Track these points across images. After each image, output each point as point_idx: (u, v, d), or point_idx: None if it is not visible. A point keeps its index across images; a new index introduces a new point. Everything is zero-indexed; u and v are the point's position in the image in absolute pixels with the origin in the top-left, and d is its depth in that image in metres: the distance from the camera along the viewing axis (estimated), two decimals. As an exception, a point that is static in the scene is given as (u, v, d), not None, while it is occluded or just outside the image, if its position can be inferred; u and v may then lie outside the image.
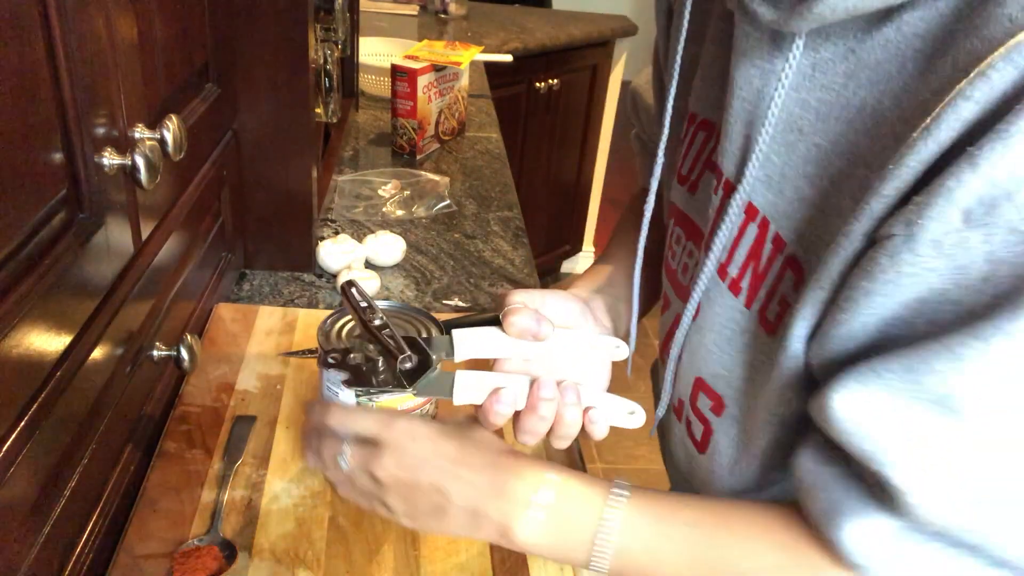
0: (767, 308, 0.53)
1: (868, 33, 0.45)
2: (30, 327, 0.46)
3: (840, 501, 0.47)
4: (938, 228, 0.39)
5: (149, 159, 0.56)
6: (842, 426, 0.44)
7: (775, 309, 0.53)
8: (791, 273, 0.51)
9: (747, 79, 0.52)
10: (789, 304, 0.51)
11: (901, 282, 0.42)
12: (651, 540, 0.52)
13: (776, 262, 0.52)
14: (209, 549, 0.64)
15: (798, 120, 0.49)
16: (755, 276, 0.54)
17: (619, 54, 2.88)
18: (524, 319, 0.59)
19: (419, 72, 1.46)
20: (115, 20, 0.56)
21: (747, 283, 0.54)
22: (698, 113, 0.62)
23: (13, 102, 0.44)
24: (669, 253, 0.68)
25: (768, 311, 0.53)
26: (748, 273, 0.54)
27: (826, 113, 0.48)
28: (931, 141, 0.40)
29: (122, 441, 0.68)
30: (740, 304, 0.55)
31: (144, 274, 0.66)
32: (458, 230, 1.29)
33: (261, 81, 0.94)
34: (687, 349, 0.62)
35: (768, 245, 0.52)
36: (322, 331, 0.69)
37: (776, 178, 0.51)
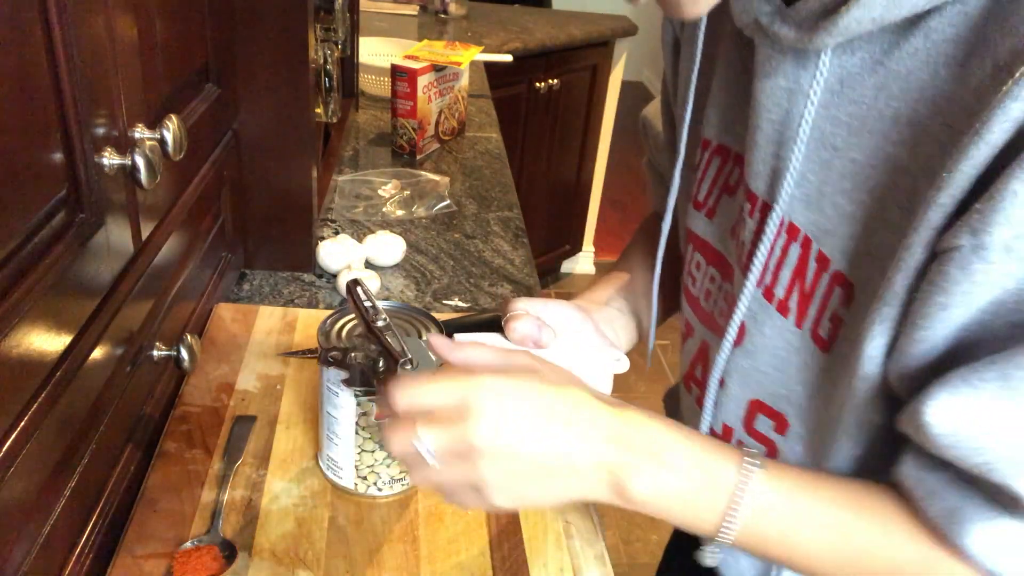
0: (819, 326, 0.53)
1: (895, 44, 0.45)
2: (30, 327, 0.46)
3: (959, 508, 0.46)
4: (1007, 232, 0.39)
5: (149, 159, 0.56)
6: (942, 440, 0.44)
7: (827, 326, 0.52)
8: (840, 290, 0.51)
9: (774, 100, 0.52)
10: (842, 320, 0.51)
11: (975, 291, 0.42)
12: (785, 515, 0.50)
13: (822, 280, 0.52)
14: (209, 549, 0.64)
15: (831, 137, 0.49)
16: (802, 296, 0.53)
17: (619, 54, 2.88)
18: (526, 325, 0.59)
19: (419, 72, 1.46)
20: (115, 20, 0.56)
21: (795, 303, 0.54)
22: (712, 139, 0.63)
23: (13, 102, 0.44)
24: (689, 280, 0.67)
25: (820, 329, 0.53)
26: (795, 293, 0.54)
27: (859, 127, 0.48)
28: (983, 144, 0.39)
29: (122, 441, 0.68)
30: (791, 325, 0.54)
31: (144, 274, 0.66)
32: (458, 230, 1.29)
33: (261, 81, 0.94)
34: (735, 374, 0.60)
35: (813, 264, 0.52)
36: (322, 330, 0.69)
37: (814, 196, 0.51)
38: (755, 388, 0.59)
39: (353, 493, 0.73)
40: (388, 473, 0.72)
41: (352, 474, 0.72)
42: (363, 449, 0.70)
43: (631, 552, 2.06)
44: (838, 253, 0.50)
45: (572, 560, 0.68)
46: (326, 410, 0.70)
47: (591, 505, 0.74)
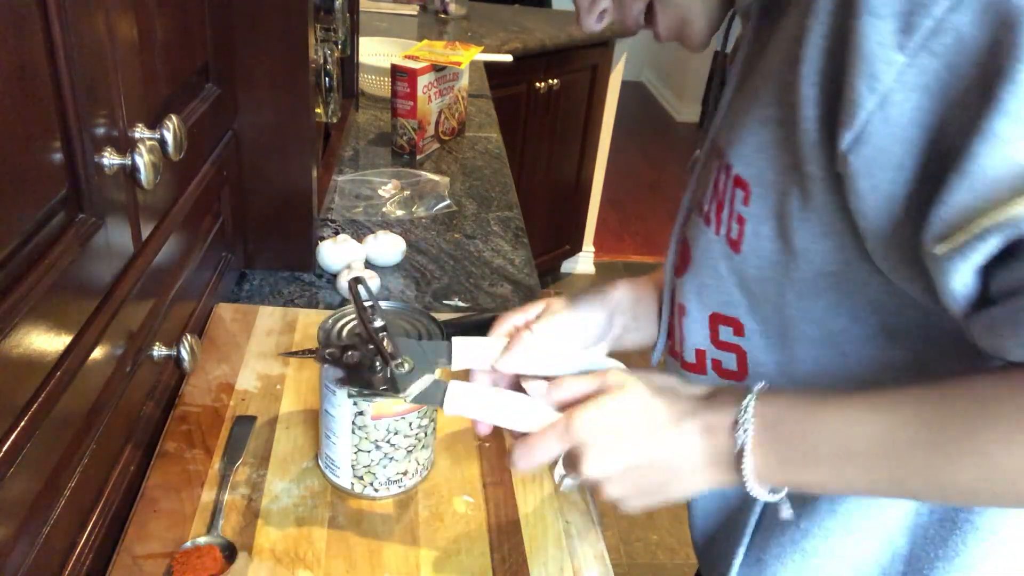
0: (730, 230, 0.58)
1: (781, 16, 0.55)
2: (30, 327, 0.46)
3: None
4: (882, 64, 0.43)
5: (149, 159, 0.56)
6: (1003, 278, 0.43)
7: (735, 228, 0.57)
8: (740, 191, 0.56)
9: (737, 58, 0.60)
10: (744, 219, 0.56)
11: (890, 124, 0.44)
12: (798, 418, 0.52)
13: (728, 185, 0.57)
14: (209, 549, 0.64)
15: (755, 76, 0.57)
16: (718, 205, 0.59)
17: (619, 54, 2.88)
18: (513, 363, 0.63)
19: (419, 72, 1.46)
20: (115, 20, 0.56)
21: (713, 213, 0.60)
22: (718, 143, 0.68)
23: (13, 102, 0.44)
24: None
25: (732, 232, 0.58)
26: (713, 203, 0.60)
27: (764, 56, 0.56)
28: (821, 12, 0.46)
29: (122, 441, 0.68)
30: (712, 233, 0.60)
31: (144, 274, 0.66)
32: (458, 230, 1.29)
33: (261, 81, 0.94)
34: (690, 296, 0.64)
35: (723, 175, 0.58)
36: (323, 329, 0.69)
37: (732, 117, 0.59)
38: (707, 302, 0.62)
39: (349, 493, 0.73)
40: (384, 474, 0.72)
41: (349, 474, 0.72)
42: (359, 449, 0.70)
43: (631, 552, 2.06)
44: (735, 158, 0.56)
45: (572, 560, 0.68)
46: (325, 409, 0.70)
47: (591, 505, 0.74)
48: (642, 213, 3.90)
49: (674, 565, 2.02)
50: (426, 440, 0.74)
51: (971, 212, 0.42)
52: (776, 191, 0.53)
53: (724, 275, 0.60)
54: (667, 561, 2.03)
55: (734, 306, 0.61)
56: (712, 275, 0.61)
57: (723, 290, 0.61)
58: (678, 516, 2.16)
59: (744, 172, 0.56)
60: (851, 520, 0.59)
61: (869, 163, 0.45)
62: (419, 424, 0.71)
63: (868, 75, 0.43)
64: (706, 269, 0.62)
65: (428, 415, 0.72)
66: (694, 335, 0.65)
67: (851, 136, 0.45)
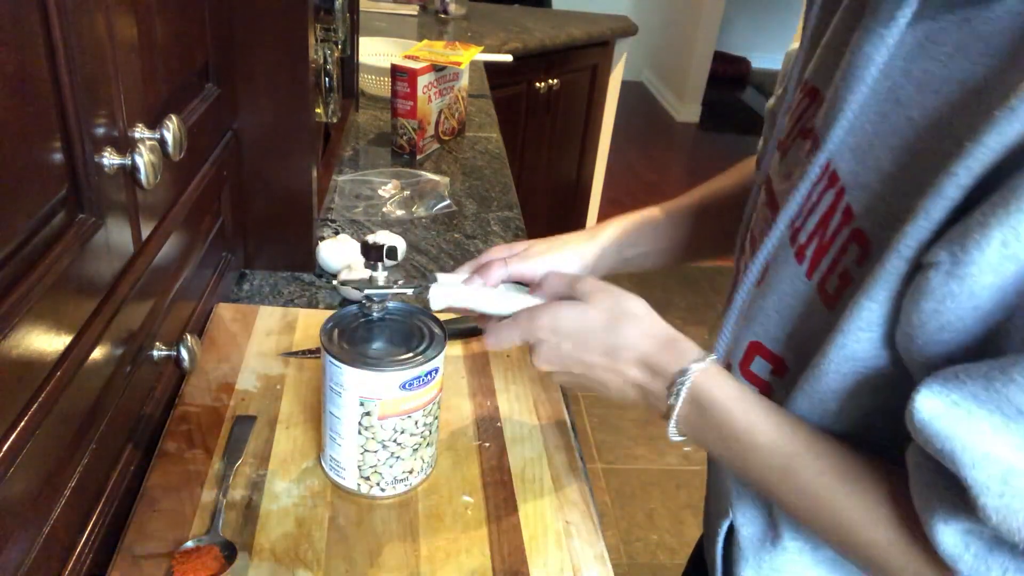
0: (827, 281, 0.52)
1: (988, 2, 0.43)
2: (30, 327, 0.46)
3: (933, 498, 0.45)
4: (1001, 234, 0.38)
5: (149, 159, 0.56)
6: (923, 428, 0.43)
7: (835, 283, 0.51)
8: (856, 247, 0.49)
9: (859, 43, 0.50)
10: (851, 279, 0.50)
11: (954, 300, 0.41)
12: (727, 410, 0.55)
13: (842, 234, 0.51)
14: (209, 549, 0.64)
15: (899, 90, 0.48)
16: (820, 246, 0.53)
17: (619, 54, 2.88)
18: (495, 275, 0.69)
19: (419, 72, 1.46)
20: (115, 20, 0.56)
21: (811, 251, 0.53)
22: (810, 80, 0.60)
23: (13, 102, 0.44)
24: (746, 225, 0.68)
25: (828, 284, 0.52)
26: (815, 241, 0.53)
27: (926, 84, 0.46)
28: (1015, 120, 0.38)
29: (122, 441, 0.68)
30: (802, 273, 0.54)
31: (144, 274, 0.66)
32: (458, 230, 1.29)
33: (261, 81, 0.94)
34: (747, 311, 0.61)
35: (838, 216, 0.51)
36: (324, 329, 0.69)
37: (864, 147, 0.50)
38: (757, 329, 0.59)
39: (355, 494, 0.73)
40: (391, 473, 0.72)
41: (355, 474, 0.72)
42: (366, 449, 0.70)
43: (631, 552, 2.06)
44: (864, 209, 0.49)
45: (572, 560, 0.68)
46: (328, 410, 0.70)
47: (591, 505, 0.74)
48: (642, 213, 3.90)
49: (674, 565, 2.02)
50: (431, 438, 0.74)
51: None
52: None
53: (797, 317, 0.55)
54: (667, 561, 2.03)
55: (787, 348, 0.57)
56: (781, 311, 0.56)
57: (784, 328, 0.57)
58: (678, 516, 2.16)
59: (872, 232, 0.48)
60: None
61: (950, 295, 0.42)
62: (424, 422, 0.71)
63: (1008, 227, 0.39)
64: (776, 301, 0.57)
65: (433, 413, 0.73)
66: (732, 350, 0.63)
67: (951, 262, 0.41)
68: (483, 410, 0.85)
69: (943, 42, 0.45)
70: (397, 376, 0.66)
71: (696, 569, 0.85)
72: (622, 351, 0.59)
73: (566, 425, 0.84)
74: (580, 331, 0.61)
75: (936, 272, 0.42)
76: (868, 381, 0.50)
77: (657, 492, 2.25)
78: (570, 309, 0.61)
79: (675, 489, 2.26)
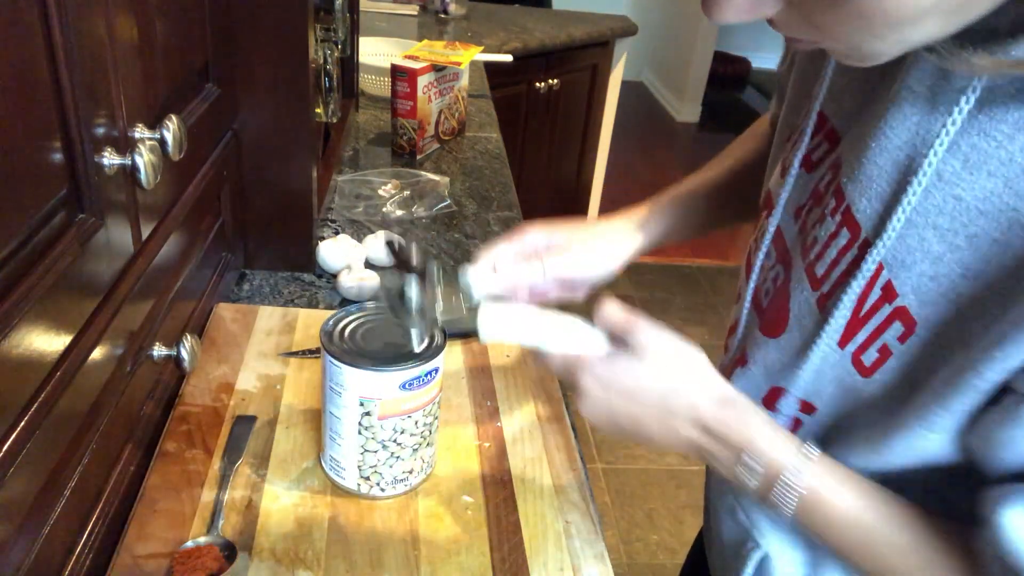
0: (863, 352, 0.51)
1: None
2: (30, 327, 0.46)
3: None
4: None
5: (149, 159, 0.56)
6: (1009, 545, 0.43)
7: (873, 356, 0.50)
8: (900, 325, 0.48)
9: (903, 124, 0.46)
10: (891, 353, 0.49)
11: None
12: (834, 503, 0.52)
13: (883, 310, 0.49)
14: (209, 549, 0.64)
15: (940, 164, 0.44)
16: (855, 319, 0.50)
17: (619, 54, 2.88)
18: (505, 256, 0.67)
19: (419, 72, 1.46)
20: (115, 20, 0.56)
21: (844, 322, 0.51)
22: (829, 117, 0.57)
23: (13, 102, 0.44)
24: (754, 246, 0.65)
25: (864, 356, 0.51)
26: (848, 312, 0.51)
27: (977, 163, 0.43)
28: None
29: (122, 441, 0.68)
30: (833, 342, 0.52)
31: (144, 274, 0.66)
32: (458, 230, 1.28)
33: (261, 81, 0.94)
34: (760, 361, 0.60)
35: (877, 291, 0.49)
36: (324, 330, 0.69)
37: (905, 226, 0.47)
38: (778, 379, 0.58)
39: (355, 494, 0.73)
40: (391, 474, 0.72)
41: (355, 475, 0.72)
42: (366, 449, 0.70)
43: (631, 552, 2.06)
44: (909, 289, 0.47)
45: (572, 560, 0.68)
46: (328, 410, 0.70)
47: (591, 505, 0.74)
48: (642, 213, 3.90)
49: (674, 565, 2.02)
50: (431, 438, 0.74)
51: None
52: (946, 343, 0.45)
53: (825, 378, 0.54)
54: (667, 561, 2.03)
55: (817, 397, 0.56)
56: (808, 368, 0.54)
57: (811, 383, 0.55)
58: (678, 516, 2.16)
59: (918, 311, 0.46)
60: None
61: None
62: (424, 422, 0.71)
63: None
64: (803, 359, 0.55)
65: (433, 412, 0.73)
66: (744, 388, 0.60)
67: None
68: (483, 410, 0.85)
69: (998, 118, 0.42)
70: (397, 376, 0.66)
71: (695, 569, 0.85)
72: (677, 410, 0.56)
73: (566, 425, 0.84)
74: (633, 389, 0.57)
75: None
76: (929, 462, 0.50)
77: (657, 492, 2.25)
78: (625, 366, 0.57)
79: (675, 489, 2.26)
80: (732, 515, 0.67)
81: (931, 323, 0.46)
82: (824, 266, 0.53)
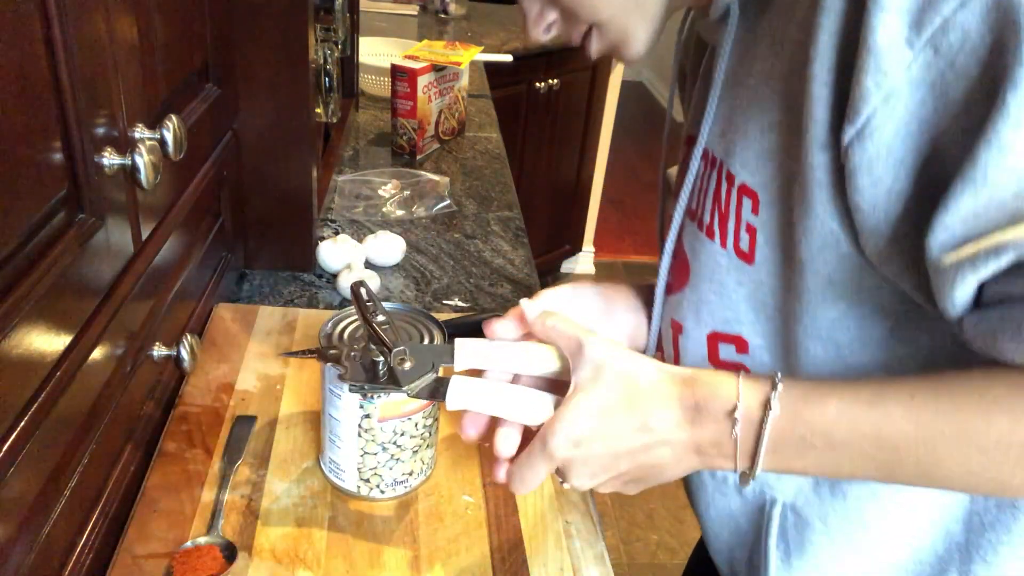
0: (739, 240, 0.57)
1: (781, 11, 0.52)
2: (30, 327, 0.46)
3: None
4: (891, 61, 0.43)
5: (149, 159, 0.56)
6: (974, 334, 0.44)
7: (745, 239, 0.56)
8: (748, 200, 0.55)
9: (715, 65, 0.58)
10: (755, 228, 0.55)
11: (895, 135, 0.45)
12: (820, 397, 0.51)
13: (732, 196, 0.56)
14: (209, 549, 0.64)
15: (742, 76, 0.56)
16: (721, 216, 0.58)
17: (619, 54, 2.87)
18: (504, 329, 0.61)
19: (419, 72, 1.46)
20: (115, 20, 0.56)
21: (717, 224, 0.58)
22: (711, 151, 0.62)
23: (13, 102, 0.44)
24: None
25: (740, 243, 0.57)
26: (716, 215, 0.58)
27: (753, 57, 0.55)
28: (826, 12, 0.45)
29: (122, 441, 0.68)
30: (718, 246, 0.58)
31: (144, 274, 0.66)
32: (458, 230, 1.29)
33: (261, 81, 0.94)
34: (688, 314, 0.62)
35: (724, 184, 0.57)
36: (324, 330, 0.69)
37: (725, 125, 0.57)
38: (707, 320, 0.61)
39: (355, 496, 0.73)
40: (391, 475, 0.72)
41: (355, 476, 0.72)
42: (366, 452, 0.70)
43: (631, 552, 2.06)
44: (739, 166, 0.55)
45: (572, 560, 0.68)
46: (328, 413, 0.70)
47: (591, 505, 0.74)
48: (642, 213, 3.90)
49: (674, 565, 2.02)
50: (431, 440, 0.74)
51: (978, 221, 0.42)
52: (785, 198, 0.53)
53: (731, 290, 0.59)
54: (667, 561, 2.03)
55: (738, 323, 0.60)
56: (716, 290, 0.60)
57: (727, 306, 0.60)
58: (678, 516, 2.16)
59: (751, 181, 0.55)
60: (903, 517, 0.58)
61: (871, 159, 0.45)
62: (424, 424, 0.71)
63: (876, 70, 0.43)
64: (709, 284, 0.60)
65: (433, 414, 0.72)
66: (692, 354, 0.64)
67: (854, 131, 0.45)
68: (483, 410, 0.85)
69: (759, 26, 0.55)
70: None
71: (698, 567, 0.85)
72: (653, 419, 0.53)
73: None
74: (601, 427, 0.53)
75: (852, 149, 0.46)
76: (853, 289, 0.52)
77: (657, 492, 2.25)
78: (578, 411, 0.54)
79: (675, 489, 2.25)
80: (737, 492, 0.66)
81: (763, 186, 0.54)
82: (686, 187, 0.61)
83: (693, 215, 0.61)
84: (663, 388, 0.54)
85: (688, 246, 0.62)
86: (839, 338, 0.54)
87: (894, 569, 0.60)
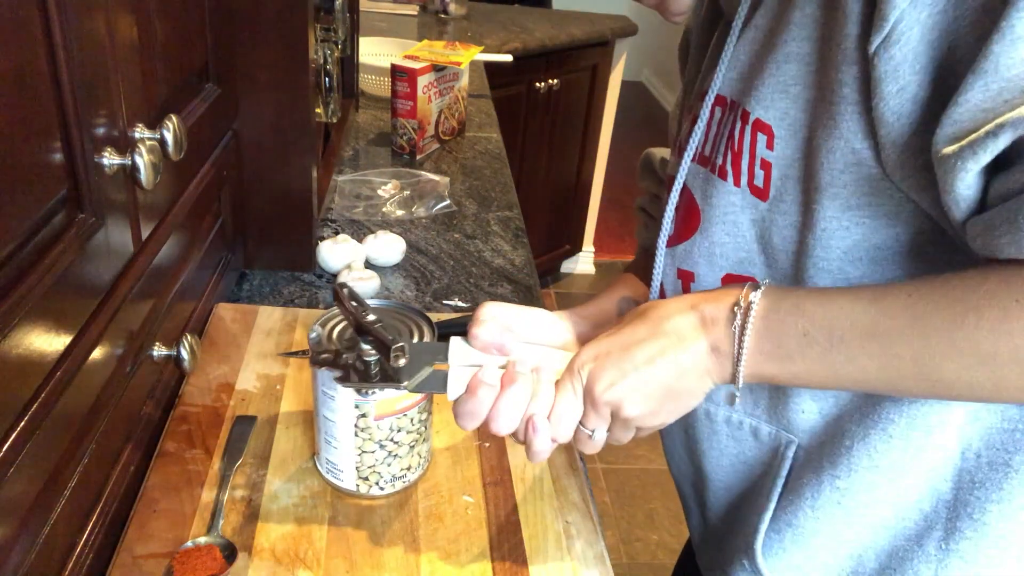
0: (753, 177, 0.57)
1: None
2: (30, 327, 0.46)
3: None
4: None
5: (149, 159, 0.56)
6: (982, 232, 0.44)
7: (760, 175, 0.57)
8: (762, 136, 0.56)
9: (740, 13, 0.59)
10: (770, 164, 0.56)
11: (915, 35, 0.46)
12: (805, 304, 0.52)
13: (746, 133, 0.57)
14: (209, 549, 0.64)
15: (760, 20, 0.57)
16: (734, 155, 0.58)
17: (619, 54, 2.88)
18: (488, 332, 0.60)
19: (419, 72, 1.46)
20: (115, 20, 0.56)
21: (730, 164, 0.59)
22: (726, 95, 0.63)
23: (14, 102, 0.44)
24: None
25: (755, 179, 0.57)
26: (728, 155, 0.59)
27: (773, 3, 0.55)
28: None
29: (122, 441, 0.68)
30: (731, 186, 0.59)
31: (144, 274, 0.66)
32: (458, 230, 1.29)
33: (261, 81, 0.94)
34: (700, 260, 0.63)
35: (738, 123, 0.57)
36: (313, 336, 0.69)
37: (744, 70, 0.58)
38: (720, 263, 0.62)
39: (355, 494, 0.73)
40: (389, 472, 0.72)
41: (353, 476, 0.72)
42: (363, 450, 0.70)
43: (631, 552, 2.06)
44: (754, 103, 0.56)
45: (572, 560, 0.68)
46: (323, 414, 0.70)
47: (591, 505, 0.75)
48: (642, 213, 3.90)
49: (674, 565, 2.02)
50: (426, 433, 0.74)
51: (984, 112, 0.43)
52: (802, 128, 0.53)
53: (744, 229, 0.59)
54: (667, 561, 2.03)
55: (751, 263, 0.60)
56: (730, 231, 0.60)
57: (741, 246, 0.60)
58: (678, 516, 2.16)
59: (765, 115, 0.55)
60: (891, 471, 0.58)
61: (897, 64, 0.46)
62: (420, 419, 0.71)
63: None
64: (722, 226, 0.60)
65: (427, 408, 0.73)
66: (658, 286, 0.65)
67: (880, 37, 0.46)
68: (483, 410, 0.85)
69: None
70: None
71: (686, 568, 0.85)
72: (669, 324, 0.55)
73: (566, 425, 0.84)
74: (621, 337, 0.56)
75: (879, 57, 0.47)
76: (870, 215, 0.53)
77: (657, 492, 2.25)
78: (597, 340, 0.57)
79: (675, 489, 2.26)
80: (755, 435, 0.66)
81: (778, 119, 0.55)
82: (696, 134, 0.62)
83: (705, 162, 0.62)
84: (676, 302, 0.56)
85: (699, 193, 0.62)
86: (849, 272, 0.55)
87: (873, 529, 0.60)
